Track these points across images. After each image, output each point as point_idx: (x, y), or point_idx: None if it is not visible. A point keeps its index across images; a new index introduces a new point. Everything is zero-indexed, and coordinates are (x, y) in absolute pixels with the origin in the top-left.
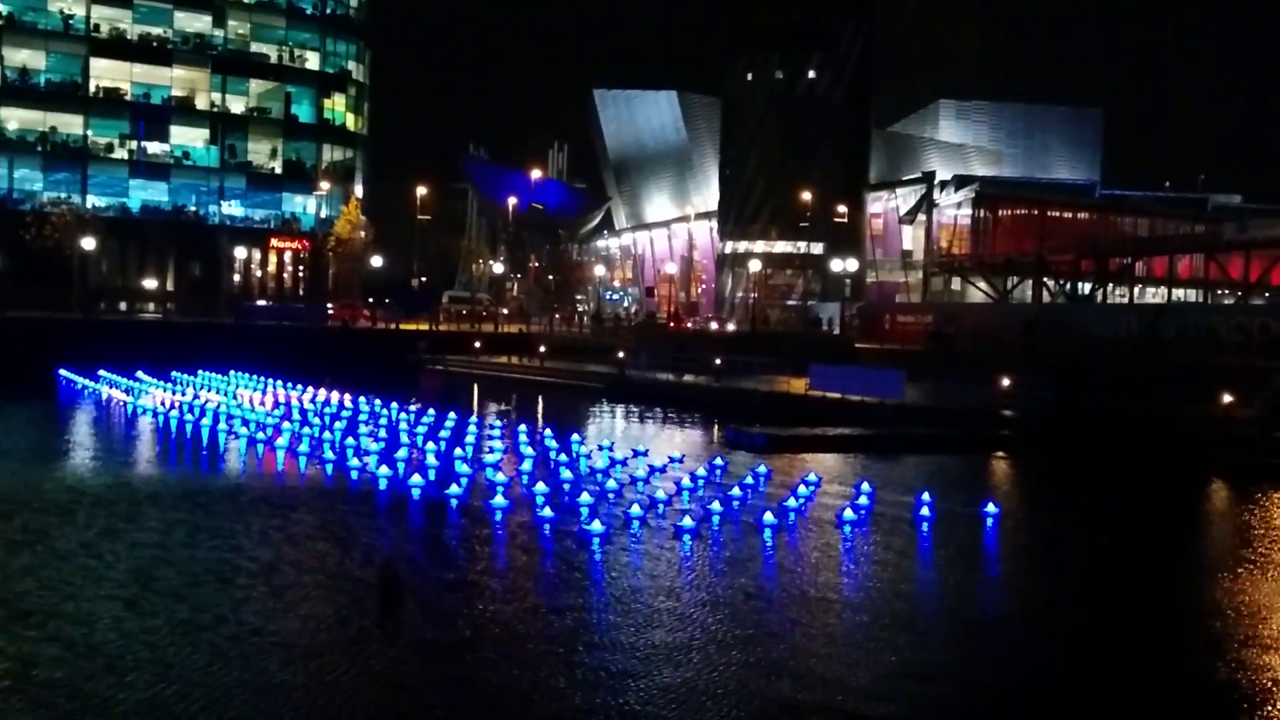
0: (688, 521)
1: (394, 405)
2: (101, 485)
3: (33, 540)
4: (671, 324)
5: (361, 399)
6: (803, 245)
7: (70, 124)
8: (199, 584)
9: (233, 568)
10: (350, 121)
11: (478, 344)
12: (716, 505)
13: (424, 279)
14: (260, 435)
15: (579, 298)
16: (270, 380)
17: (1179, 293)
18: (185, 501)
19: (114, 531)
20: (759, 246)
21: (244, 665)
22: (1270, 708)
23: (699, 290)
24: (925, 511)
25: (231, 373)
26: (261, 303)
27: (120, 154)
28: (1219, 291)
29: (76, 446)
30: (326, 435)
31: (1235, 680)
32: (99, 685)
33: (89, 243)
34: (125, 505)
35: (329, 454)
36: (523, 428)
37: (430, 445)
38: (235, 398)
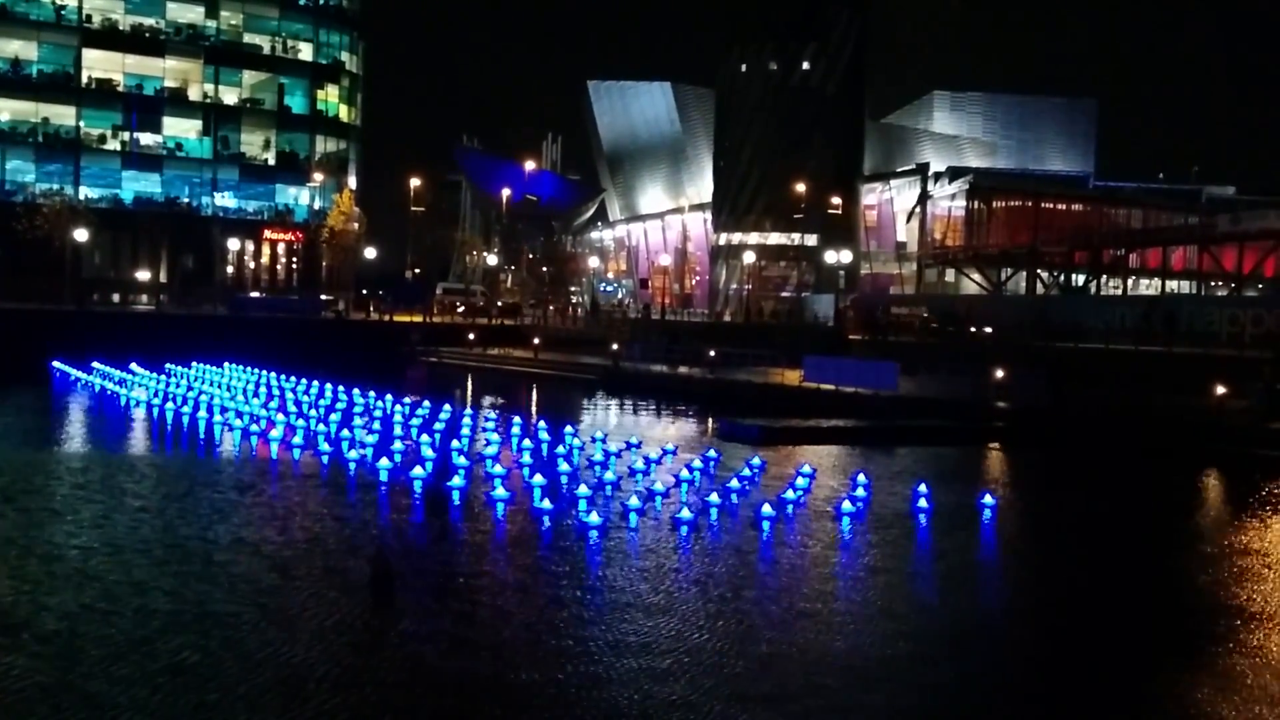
0: (685, 514)
1: (389, 397)
2: (90, 473)
3: None
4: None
5: (356, 391)
6: (797, 237)
7: (62, 115)
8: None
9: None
10: (343, 113)
11: (471, 336)
12: (714, 498)
13: (418, 270)
14: (254, 427)
15: (573, 289)
16: (264, 372)
17: (1172, 284)
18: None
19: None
20: (753, 238)
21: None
22: (1263, 697)
23: (693, 282)
24: (923, 503)
25: (226, 364)
26: (255, 294)
27: (113, 145)
28: (1212, 283)
29: (65, 437)
30: (320, 428)
31: (1231, 670)
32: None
33: (81, 234)
34: (119, 497)
35: (324, 446)
36: (517, 420)
37: (425, 438)
38: (229, 389)
